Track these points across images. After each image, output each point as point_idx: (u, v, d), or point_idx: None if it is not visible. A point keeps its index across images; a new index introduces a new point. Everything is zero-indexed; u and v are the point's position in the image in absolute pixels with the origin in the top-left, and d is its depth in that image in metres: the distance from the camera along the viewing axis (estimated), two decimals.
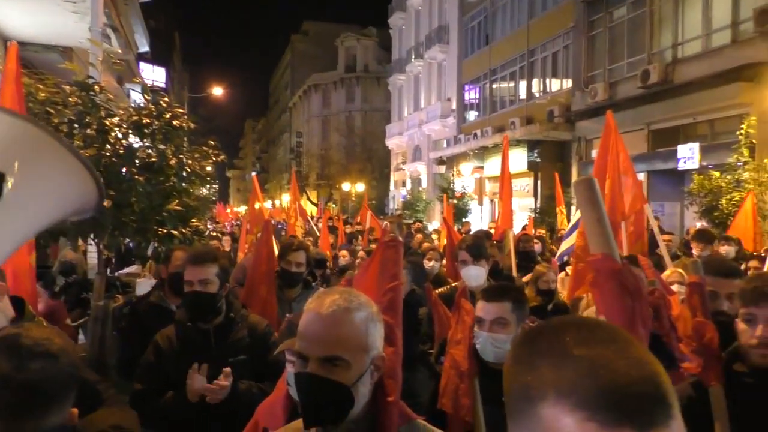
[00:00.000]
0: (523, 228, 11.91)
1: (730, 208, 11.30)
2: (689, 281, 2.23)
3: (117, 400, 2.03)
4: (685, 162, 14.74)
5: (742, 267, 5.42)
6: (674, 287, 3.56)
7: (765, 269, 5.58)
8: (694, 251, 6.28)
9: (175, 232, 4.36)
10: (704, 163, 14.19)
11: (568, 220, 7.86)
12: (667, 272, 4.07)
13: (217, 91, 35.02)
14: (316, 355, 1.44)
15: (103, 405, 1.83)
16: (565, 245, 7.26)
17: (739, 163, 12.06)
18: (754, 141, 12.53)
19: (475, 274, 3.93)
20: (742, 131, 12.46)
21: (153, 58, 31.27)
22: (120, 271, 7.28)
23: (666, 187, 16.36)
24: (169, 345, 3.01)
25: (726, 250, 6.28)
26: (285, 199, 52.19)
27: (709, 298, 2.27)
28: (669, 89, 15.73)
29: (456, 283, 4.39)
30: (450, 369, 2.55)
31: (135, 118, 4.40)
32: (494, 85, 27.27)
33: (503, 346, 2.46)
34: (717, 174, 12.04)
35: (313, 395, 1.44)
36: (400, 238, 2.16)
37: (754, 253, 7.04)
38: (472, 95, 29.90)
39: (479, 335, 2.51)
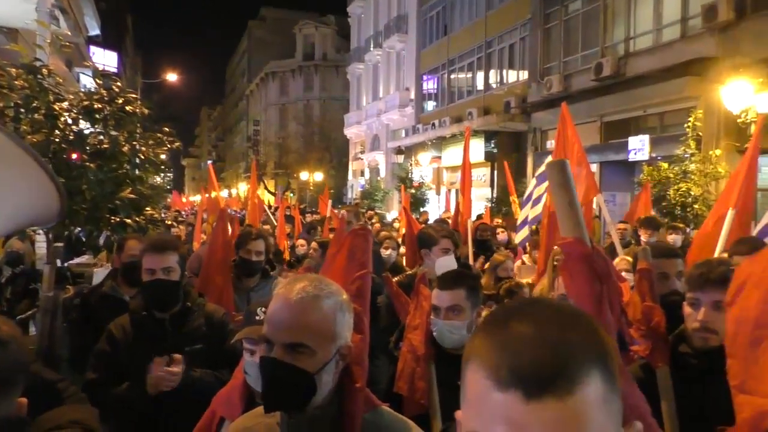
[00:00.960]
0: (479, 217, 12.06)
1: (678, 198, 11.72)
2: (639, 267, 2.30)
3: (77, 399, 1.99)
4: (635, 153, 15.16)
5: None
6: (623, 275, 3.69)
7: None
8: (642, 237, 6.49)
9: (128, 221, 4.26)
10: (654, 155, 14.62)
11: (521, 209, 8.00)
12: (616, 260, 4.20)
13: (172, 77, 34.14)
14: (281, 340, 1.44)
15: (63, 404, 1.79)
16: (519, 236, 7.41)
17: (686, 155, 12.50)
18: (700, 134, 13.00)
19: (454, 264, 3.98)
20: (689, 124, 12.91)
21: (104, 42, 30.29)
22: (70, 262, 7.07)
23: (617, 177, 16.80)
24: (124, 334, 2.96)
25: (673, 238, 6.51)
26: (242, 188, 51.53)
27: (660, 281, 2.36)
28: (621, 82, 16.12)
29: (411, 271, 4.43)
30: (407, 353, 2.58)
31: (86, 103, 4.26)
32: (452, 76, 27.43)
33: (459, 332, 2.50)
34: (665, 165, 12.45)
35: (275, 380, 1.44)
36: (358, 227, 2.17)
37: None
38: (430, 85, 30.00)
39: (436, 323, 2.54)
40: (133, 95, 4.66)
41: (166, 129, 5.27)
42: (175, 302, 3.01)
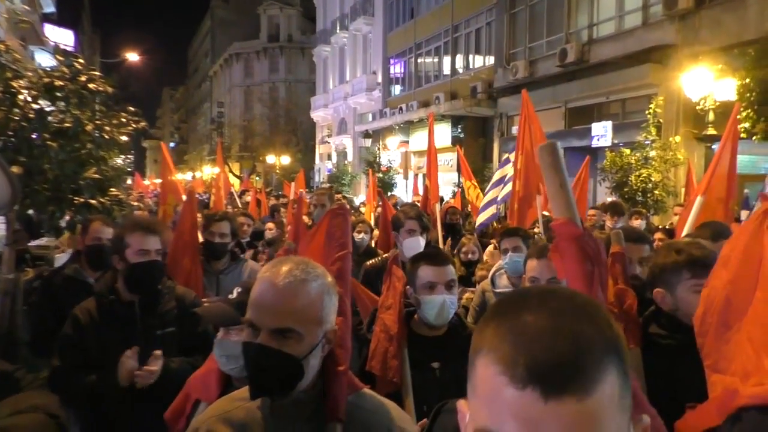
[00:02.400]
0: (447, 201, 12.11)
1: (639, 184, 11.99)
2: (612, 251, 2.34)
3: (36, 387, 1.95)
4: (598, 140, 15.43)
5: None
6: None
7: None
8: (608, 223, 6.63)
9: (93, 201, 4.14)
10: (616, 141, 14.90)
11: (483, 194, 8.05)
12: None
13: (133, 56, 33.14)
14: (267, 325, 1.41)
15: (21, 392, 1.75)
16: (482, 217, 7.50)
17: (647, 142, 12.77)
18: (661, 120, 13.30)
19: (420, 245, 3.99)
20: (650, 111, 13.18)
21: (59, 20, 29.26)
22: (29, 243, 6.86)
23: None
24: (90, 319, 2.89)
25: (638, 223, 6.67)
26: (206, 171, 50.62)
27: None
28: (585, 68, 16.34)
29: (386, 255, 4.44)
30: (380, 333, 2.58)
31: (46, 80, 4.11)
32: (419, 60, 27.38)
33: (455, 307, 2.56)
34: (627, 151, 12.70)
35: (261, 366, 1.41)
36: (336, 206, 2.17)
37: (659, 227, 7.53)
38: (397, 69, 29.91)
39: (433, 300, 2.51)
40: (97, 73, 4.51)
41: (131, 108, 5.14)
42: (161, 284, 2.99)
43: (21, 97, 4.00)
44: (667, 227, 6.85)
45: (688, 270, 2.13)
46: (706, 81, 11.34)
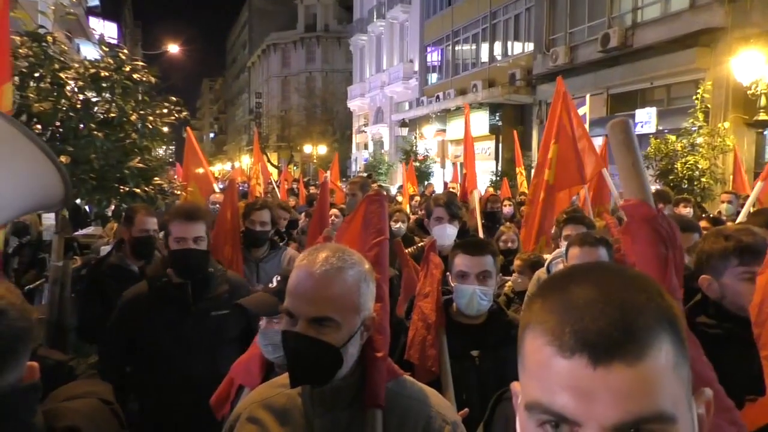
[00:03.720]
0: (487, 190, 11.99)
1: (685, 171, 11.64)
2: None
3: (90, 375, 1.99)
4: (642, 126, 15.04)
5: None
6: None
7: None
8: None
9: (137, 190, 4.22)
10: (660, 128, 14.50)
11: (528, 182, 7.90)
12: None
13: (173, 48, 33.64)
14: (305, 314, 1.39)
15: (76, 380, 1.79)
16: None
17: (693, 128, 12.38)
18: (708, 106, 12.87)
19: (450, 233, 3.96)
20: (697, 96, 12.76)
21: (103, 13, 29.94)
22: (76, 233, 7.06)
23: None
24: (142, 301, 2.95)
25: (686, 211, 6.47)
26: (245, 161, 51.34)
27: None
28: (628, 53, 15.91)
29: (422, 243, 4.41)
30: (418, 321, 2.56)
31: (92, 71, 4.19)
32: (456, 47, 27.10)
33: (488, 298, 2.50)
34: (673, 138, 12.34)
35: (300, 355, 1.40)
36: (373, 192, 2.15)
37: (702, 215, 7.29)
38: (434, 57, 29.67)
39: (464, 290, 2.50)
40: (140, 63, 4.58)
41: (173, 98, 5.21)
42: (202, 271, 3.01)
43: (68, 87, 4.09)
44: (712, 216, 6.63)
45: (736, 257, 2.05)
46: (757, 64, 10.91)
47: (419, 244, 4.46)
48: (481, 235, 5.77)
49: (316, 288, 1.40)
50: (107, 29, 28.59)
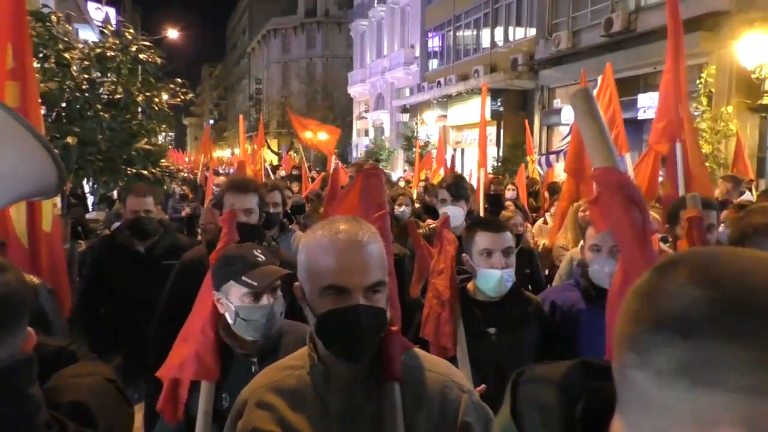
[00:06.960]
0: (490, 174, 11.84)
1: None
2: (689, 216, 2.26)
3: (91, 358, 2.01)
4: (645, 111, 14.97)
5: None
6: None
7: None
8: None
9: (144, 172, 4.21)
10: None
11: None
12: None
13: (173, 33, 33.39)
14: (362, 284, 1.36)
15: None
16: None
17: (696, 113, 12.32)
18: (712, 90, 12.80)
19: (455, 214, 3.93)
20: (701, 80, 12.69)
21: None
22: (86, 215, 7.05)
23: (629, 136, 16.64)
24: (200, 265, 2.82)
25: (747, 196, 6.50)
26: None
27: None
28: (631, 38, 15.79)
29: (432, 225, 4.40)
30: (432, 298, 2.55)
31: (98, 51, 4.16)
32: (458, 33, 26.90)
33: (512, 278, 2.51)
34: None
35: (369, 328, 1.37)
36: (369, 166, 2.15)
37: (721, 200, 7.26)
38: (435, 42, 29.47)
39: (490, 274, 2.47)
40: (147, 43, 4.55)
41: (179, 80, 5.19)
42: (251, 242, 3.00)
43: (74, 68, 4.06)
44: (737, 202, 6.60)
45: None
46: (761, 48, 10.86)
47: (431, 225, 4.46)
48: (482, 215, 5.75)
49: (368, 255, 1.37)
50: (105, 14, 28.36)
